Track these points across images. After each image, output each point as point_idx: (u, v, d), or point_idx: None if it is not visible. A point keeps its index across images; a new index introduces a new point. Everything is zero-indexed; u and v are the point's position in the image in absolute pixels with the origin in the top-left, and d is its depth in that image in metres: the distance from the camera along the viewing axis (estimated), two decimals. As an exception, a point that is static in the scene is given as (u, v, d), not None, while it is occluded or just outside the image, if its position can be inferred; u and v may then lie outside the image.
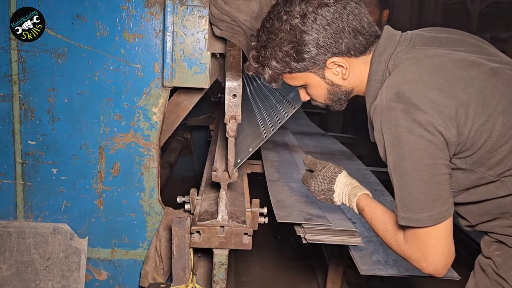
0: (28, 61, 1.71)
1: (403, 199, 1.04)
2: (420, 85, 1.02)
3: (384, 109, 1.03)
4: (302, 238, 1.48)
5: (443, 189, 1.02)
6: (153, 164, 1.80)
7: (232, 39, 1.61)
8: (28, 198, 1.83)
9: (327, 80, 1.20)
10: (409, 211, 1.03)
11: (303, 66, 1.17)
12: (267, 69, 1.21)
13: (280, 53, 1.16)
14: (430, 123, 0.98)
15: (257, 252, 2.80)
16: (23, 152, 1.79)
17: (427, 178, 1.01)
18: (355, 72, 1.18)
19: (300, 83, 1.24)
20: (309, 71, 1.19)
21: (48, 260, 1.84)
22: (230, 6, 1.53)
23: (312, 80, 1.21)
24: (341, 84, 1.20)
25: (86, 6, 1.67)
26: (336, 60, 1.15)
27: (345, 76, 1.18)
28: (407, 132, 0.99)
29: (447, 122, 0.99)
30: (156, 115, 1.77)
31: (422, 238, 1.03)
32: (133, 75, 1.73)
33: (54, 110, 1.75)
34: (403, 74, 1.06)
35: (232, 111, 1.41)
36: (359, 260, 1.44)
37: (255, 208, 1.55)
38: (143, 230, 1.87)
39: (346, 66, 1.16)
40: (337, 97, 1.23)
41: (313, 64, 1.16)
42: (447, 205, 1.02)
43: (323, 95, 1.24)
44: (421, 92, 1.01)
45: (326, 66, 1.17)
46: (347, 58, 1.16)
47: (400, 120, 1.00)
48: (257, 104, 2.17)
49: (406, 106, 1.00)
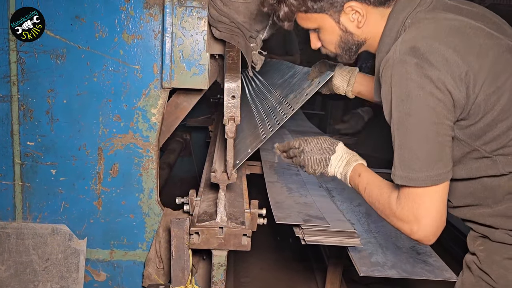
0: (27, 62, 1.71)
1: (403, 157, 1.02)
2: (437, 42, 1.00)
3: (396, 62, 1.01)
4: (301, 239, 1.48)
5: (445, 151, 1.00)
6: (152, 165, 1.80)
7: (231, 40, 1.61)
8: (26, 199, 1.83)
9: (341, 26, 1.17)
10: (408, 170, 1.00)
11: (320, 6, 1.15)
12: (283, 6, 1.19)
13: None
14: (442, 81, 0.97)
15: (256, 253, 2.80)
16: (22, 153, 1.79)
17: (431, 137, 0.99)
18: (371, 23, 1.16)
19: (314, 26, 1.21)
20: (325, 13, 1.16)
21: (47, 261, 1.84)
22: (229, 7, 1.53)
23: (326, 23, 1.18)
24: (355, 33, 1.18)
25: (85, 7, 1.67)
26: (354, 5, 1.13)
27: (360, 24, 1.15)
28: (417, 87, 0.98)
29: (458, 83, 0.98)
30: (155, 116, 1.77)
31: (417, 199, 1.01)
32: (132, 76, 1.73)
33: (53, 111, 1.75)
34: (420, 30, 1.04)
35: (231, 113, 1.41)
36: (358, 261, 1.44)
37: (254, 209, 1.54)
38: (142, 231, 1.87)
39: (363, 13, 1.14)
40: (348, 46, 1.20)
41: (330, 5, 1.14)
42: (446, 168, 1.00)
43: (335, 41, 1.21)
44: (437, 49, 0.99)
45: (343, 10, 1.14)
46: (365, 6, 1.13)
47: (412, 74, 0.98)
48: (256, 105, 2.17)
49: (419, 61, 0.98)
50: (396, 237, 1.63)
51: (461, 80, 0.98)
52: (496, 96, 1.00)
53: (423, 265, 1.44)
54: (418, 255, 1.51)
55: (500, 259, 1.06)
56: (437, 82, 0.97)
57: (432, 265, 1.45)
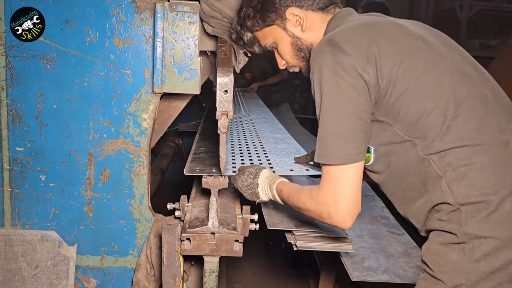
0: (16, 66, 1.69)
1: (321, 136, 1.12)
2: (350, 33, 1.14)
3: (316, 52, 1.15)
4: (293, 245, 1.48)
5: (356, 134, 1.09)
6: (143, 170, 1.79)
7: (223, 35, 1.61)
8: (15, 205, 1.80)
9: (289, 32, 1.32)
10: (324, 148, 1.11)
11: (269, 19, 1.32)
12: (244, 31, 1.38)
13: (250, 10, 1.33)
14: (352, 66, 1.08)
15: (249, 258, 2.79)
16: (11, 159, 1.77)
17: (343, 118, 1.09)
18: (314, 27, 1.31)
19: (271, 41, 1.36)
20: (274, 24, 1.32)
21: (36, 268, 1.81)
22: (221, 3, 1.54)
23: (277, 34, 1.34)
24: (302, 37, 1.32)
25: (76, 11, 1.66)
26: (294, 11, 1.29)
27: (303, 27, 1.30)
28: (330, 72, 1.09)
29: (368, 65, 1.08)
30: (146, 121, 1.75)
31: (333, 180, 1.10)
32: (123, 81, 1.72)
33: (43, 116, 1.73)
34: (340, 27, 1.20)
35: (223, 107, 1.41)
36: (350, 266, 1.43)
37: (246, 215, 1.54)
38: (133, 237, 1.85)
39: (303, 17, 1.29)
40: (302, 53, 1.33)
41: (276, 16, 1.31)
42: (357, 149, 1.09)
43: (289, 50, 1.35)
44: (349, 38, 1.12)
45: (286, 18, 1.30)
46: (304, 11, 1.30)
47: (327, 60, 1.10)
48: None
49: (333, 49, 1.10)
50: (388, 242, 1.63)
51: (369, 61, 1.08)
52: (406, 75, 1.09)
53: (415, 269, 1.44)
54: (411, 260, 1.51)
55: (434, 246, 1.09)
56: (348, 67, 1.08)
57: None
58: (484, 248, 1.02)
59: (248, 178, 1.43)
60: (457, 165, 1.05)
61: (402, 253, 1.55)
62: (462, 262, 1.03)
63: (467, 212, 1.03)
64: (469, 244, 1.03)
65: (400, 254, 1.54)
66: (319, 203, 1.14)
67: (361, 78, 1.08)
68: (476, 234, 1.02)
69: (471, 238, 1.03)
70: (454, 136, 1.05)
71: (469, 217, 1.03)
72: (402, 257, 1.52)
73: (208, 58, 1.88)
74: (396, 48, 1.11)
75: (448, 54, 1.15)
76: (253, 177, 1.43)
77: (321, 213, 1.14)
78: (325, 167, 1.13)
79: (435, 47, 1.15)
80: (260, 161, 1.73)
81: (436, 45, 1.16)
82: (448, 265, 1.05)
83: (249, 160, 1.74)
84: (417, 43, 1.13)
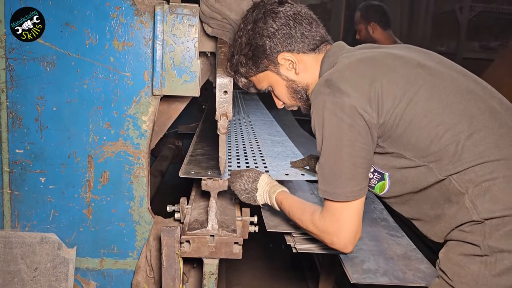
0: (16, 69, 1.69)
1: (324, 174, 1.15)
2: (347, 71, 1.14)
3: (315, 94, 1.17)
4: (293, 248, 1.48)
5: (358, 171, 1.12)
6: (142, 172, 1.79)
7: (223, 36, 1.61)
8: (15, 207, 1.80)
9: (283, 76, 1.33)
10: (327, 185, 1.14)
11: (261, 65, 1.33)
12: (238, 76, 1.39)
13: (242, 57, 1.34)
14: (352, 106, 1.08)
15: (249, 260, 2.79)
16: (11, 161, 1.77)
17: (344, 158, 1.11)
18: (307, 69, 1.32)
19: (266, 85, 1.38)
20: (267, 70, 1.34)
21: (35, 270, 1.81)
22: (221, 4, 1.54)
23: (272, 78, 1.35)
24: (296, 80, 1.33)
25: (75, 14, 1.66)
26: (286, 56, 1.30)
27: (296, 70, 1.31)
28: (330, 114, 1.11)
29: (367, 105, 1.09)
30: (145, 123, 1.75)
31: (336, 213, 1.15)
32: (122, 83, 1.72)
33: (42, 118, 1.74)
34: (336, 66, 1.21)
35: (223, 108, 1.41)
36: (350, 268, 1.43)
37: (245, 217, 1.54)
38: (132, 239, 1.85)
39: (295, 61, 1.30)
40: (299, 94, 1.35)
41: (268, 62, 1.32)
42: (359, 186, 1.13)
43: (285, 92, 1.36)
44: (346, 77, 1.12)
45: (279, 63, 1.31)
46: (296, 54, 1.30)
47: (327, 103, 1.12)
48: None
49: (331, 90, 1.11)
50: (387, 244, 1.63)
51: (370, 101, 1.09)
52: (410, 106, 1.09)
53: (414, 272, 1.44)
54: (410, 262, 1.51)
55: (454, 256, 1.09)
56: (347, 108, 1.09)
57: (424, 272, 1.44)
58: (507, 263, 1.02)
59: (247, 182, 1.45)
60: (478, 181, 1.04)
61: (401, 256, 1.54)
62: (484, 275, 1.04)
63: (491, 226, 1.03)
64: (491, 257, 1.03)
65: (400, 257, 1.54)
66: (321, 231, 1.19)
67: (361, 118, 1.09)
68: (500, 248, 1.02)
69: (495, 251, 1.03)
70: (471, 154, 1.05)
71: (493, 230, 1.03)
72: (402, 259, 1.52)
73: (208, 59, 1.88)
74: (396, 81, 1.10)
75: (448, 74, 1.15)
76: (252, 182, 1.44)
77: (323, 239, 1.20)
78: (327, 200, 1.17)
79: (433, 71, 1.14)
80: (257, 164, 1.74)
81: (434, 67, 1.15)
82: (468, 276, 1.05)
83: (245, 163, 1.74)
84: (415, 71, 1.13)
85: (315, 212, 1.22)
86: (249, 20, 1.32)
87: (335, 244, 1.17)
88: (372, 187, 1.23)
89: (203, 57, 1.79)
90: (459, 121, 1.06)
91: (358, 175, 1.12)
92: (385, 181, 1.18)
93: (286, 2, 1.32)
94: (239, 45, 1.34)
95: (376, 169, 1.19)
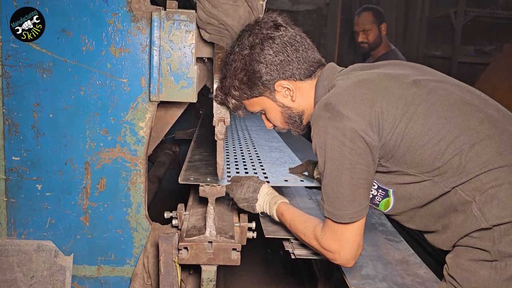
0: (13, 76, 1.69)
1: (328, 195, 1.17)
2: (346, 95, 1.15)
3: (314, 118, 1.17)
4: (291, 254, 1.47)
5: (359, 192, 1.15)
6: (140, 179, 1.78)
7: (220, 42, 1.61)
8: (11, 215, 1.79)
9: (278, 103, 1.33)
10: (331, 206, 1.16)
11: (256, 90, 1.32)
12: (229, 98, 1.37)
13: (236, 81, 1.32)
14: (353, 129, 1.10)
15: (247, 266, 2.77)
16: (7, 168, 1.76)
17: (346, 181, 1.13)
18: (303, 95, 1.32)
19: (258, 109, 1.38)
20: (262, 96, 1.33)
21: (32, 278, 1.79)
22: (218, 9, 1.54)
23: (267, 104, 1.35)
24: (292, 106, 1.34)
25: (72, 20, 1.66)
26: (283, 83, 1.30)
27: (293, 98, 1.32)
28: (331, 138, 1.12)
29: (368, 128, 1.10)
30: (143, 129, 1.75)
31: (338, 232, 1.18)
32: (119, 89, 1.72)
33: (39, 125, 1.73)
34: (334, 89, 1.20)
35: (220, 113, 1.41)
36: (348, 274, 1.43)
37: (243, 223, 1.53)
38: (130, 246, 1.84)
39: (292, 88, 1.30)
40: (292, 119, 1.36)
41: (264, 88, 1.31)
42: (361, 206, 1.15)
43: (279, 118, 1.37)
44: (346, 101, 1.13)
45: (275, 90, 1.31)
46: (293, 82, 1.31)
47: (327, 127, 1.13)
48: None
49: (331, 114, 1.12)
50: (386, 249, 1.62)
51: (371, 124, 1.11)
52: (409, 126, 1.10)
53: (413, 277, 1.44)
54: (408, 267, 1.50)
55: (463, 262, 1.10)
56: (348, 131, 1.10)
57: (422, 277, 1.44)
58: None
59: (247, 192, 1.46)
60: (484, 188, 1.05)
61: (400, 261, 1.54)
62: (494, 280, 1.04)
63: (500, 231, 1.04)
64: (501, 262, 1.04)
65: (398, 262, 1.53)
66: (323, 247, 1.22)
67: (362, 140, 1.10)
68: (510, 253, 1.03)
69: (505, 256, 1.04)
70: (475, 164, 1.06)
71: (503, 235, 1.04)
72: (400, 264, 1.52)
73: (205, 65, 1.88)
74: (395, 103, 1.12)
75: (442, 88, 1.16)
76: (253, 191, 1.46)
77: (325, 254, 1.23)
78: (330, 220, 1.19)
79: (428, 87, 1.15)
80: (255, 170, 1.73)
81: (428, 83, 1.17)
82: (479, 282, 1.06)
83: (244, 170, 1.74)
84: (411, 91, 1.14)
85: (317, 227, 1.25)
86: (245, 45, 1.30)
87: (337, 260, 1.20)
88: (377, 204, 1.24)
89: (200, 63, 1.79)
90: (459, 134, 1.08)
91: (359, 196, 1.14)
92: (389, 198, 1.20)
93: (281, 25, 1.30)
94: (234, 69, 1.32)
95: (380, 185, 1.20)
